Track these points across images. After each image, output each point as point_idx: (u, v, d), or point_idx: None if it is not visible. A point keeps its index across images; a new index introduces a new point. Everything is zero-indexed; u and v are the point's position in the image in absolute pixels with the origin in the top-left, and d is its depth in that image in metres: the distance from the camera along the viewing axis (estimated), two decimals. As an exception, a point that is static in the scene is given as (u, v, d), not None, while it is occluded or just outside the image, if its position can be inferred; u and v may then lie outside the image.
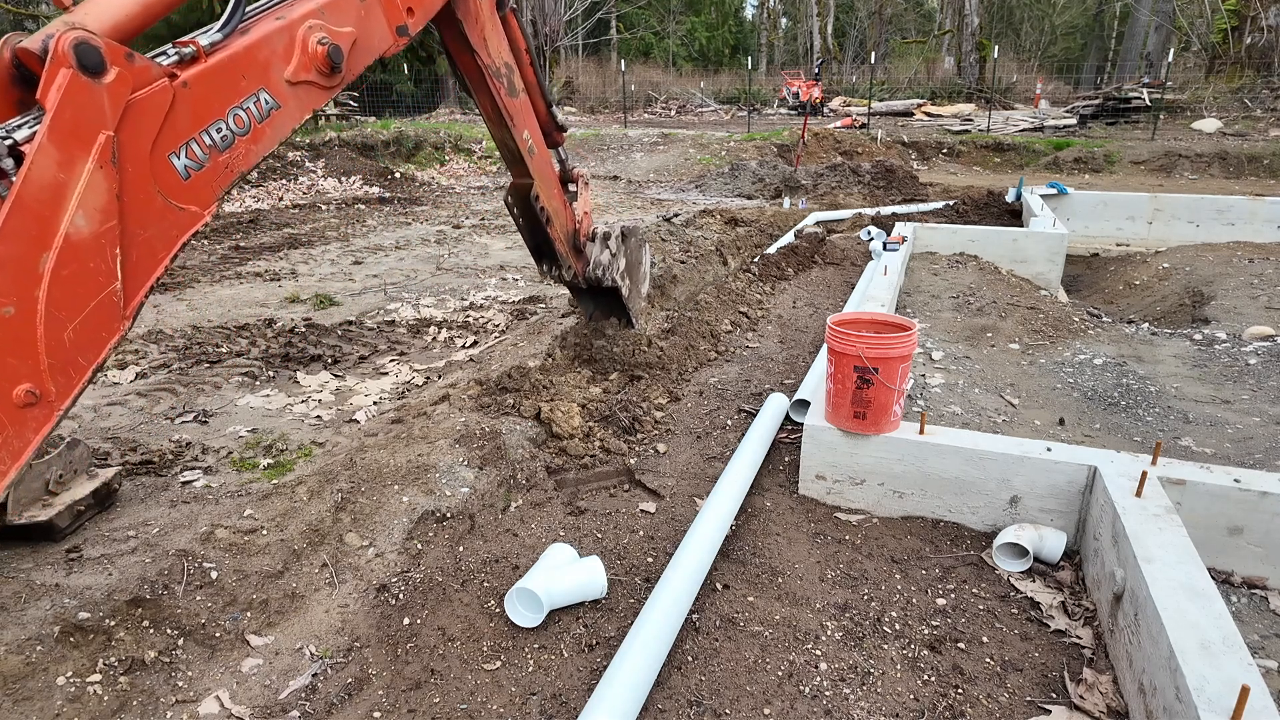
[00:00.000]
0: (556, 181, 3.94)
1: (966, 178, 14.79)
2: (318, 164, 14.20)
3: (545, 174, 3.78)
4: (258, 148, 2.27)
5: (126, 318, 1.96)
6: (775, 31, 46.74)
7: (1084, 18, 38.32)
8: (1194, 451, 3.52)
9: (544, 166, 3.78)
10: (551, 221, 3.84)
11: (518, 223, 3.89)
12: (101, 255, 1.85)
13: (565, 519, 3.04)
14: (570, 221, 4.06)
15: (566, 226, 4.01)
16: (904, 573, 2.71)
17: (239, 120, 2.16)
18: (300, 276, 7.16)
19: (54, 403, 1.82)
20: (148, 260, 1.99)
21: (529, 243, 3.99)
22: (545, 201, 3.76)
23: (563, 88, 29.26)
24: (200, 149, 2.06)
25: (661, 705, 2.11)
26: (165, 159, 1.98)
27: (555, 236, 3.89)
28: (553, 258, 4.03)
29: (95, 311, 1.86)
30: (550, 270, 4.12)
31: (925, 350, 4.71)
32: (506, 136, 3.55)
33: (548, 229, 3.82)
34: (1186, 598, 1.96)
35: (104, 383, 4.47)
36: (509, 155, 3.66)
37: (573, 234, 4.09)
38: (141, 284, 1.99)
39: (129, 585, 2.52)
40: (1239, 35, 21.08)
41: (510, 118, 3.47)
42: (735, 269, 7.38)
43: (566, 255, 4.05)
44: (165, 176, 1.99)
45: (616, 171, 15.81)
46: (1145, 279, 7.59)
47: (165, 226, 2.01)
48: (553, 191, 3.87)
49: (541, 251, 4.03)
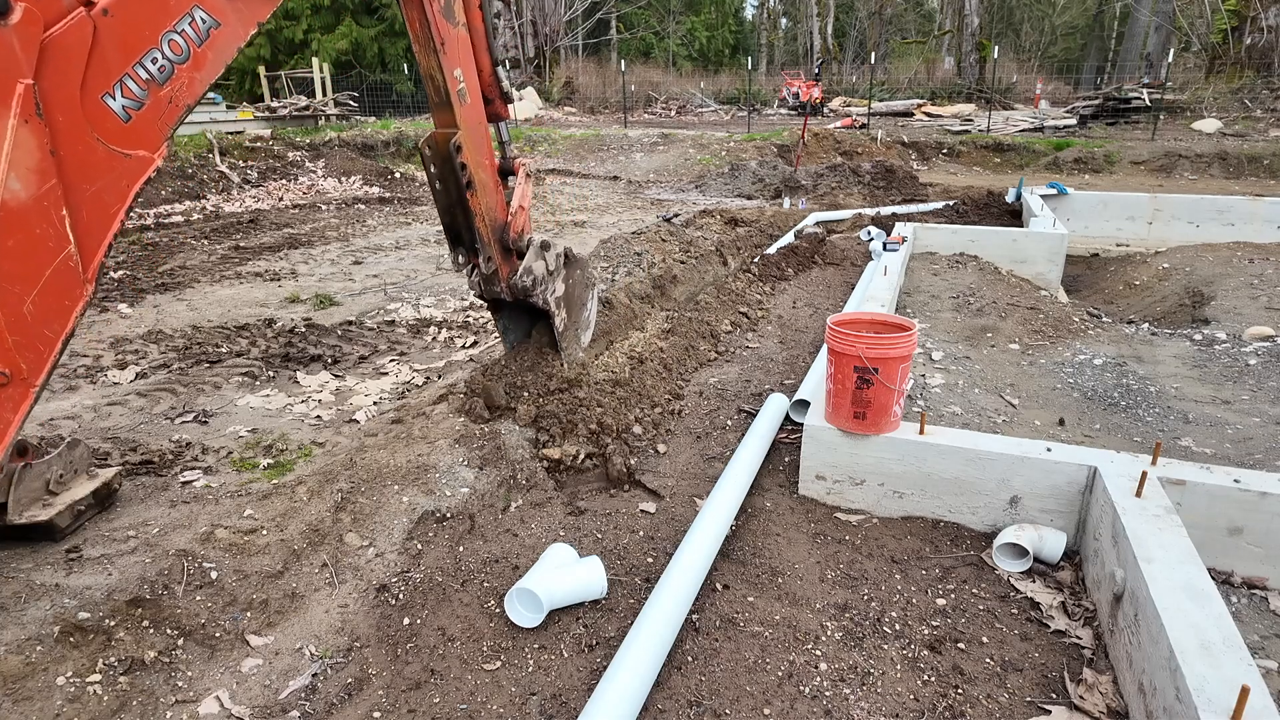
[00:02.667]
0: (489, 145, 3.35)
1: (966, 178, 14.79)
2: (318, 164, 14.21)
3: (475, 129, 3.21)
4: (202, 74, 2.03)
5: (88, 281, 1.82)
6: (775, 31, 46.75)
7: (1084, 18, 38.31)
8: (1194, 452, 3.52)
9: (475, 119, 3.22)
10: (474, 189, 3.20)
11: (433, 185, 3.21)
12: (46, 219, 1.69)
13: (565, 519, 3.04)
14: (501, 209, 3.46)
15: (494, 210, 3.40)
16: (904, 573, 2.71)
17: (175, 46, 1.91)
18: (300, 276, 7.16)
19: (28, 380, 1.72)
20: (100, 217, 1.82)
21: (443, 215, 3.30)
22: (470, 160, 3.16)
23: (563, 88, 29.25)
24: (137, 85, 1.84)
25: (661, 705, 2.11)
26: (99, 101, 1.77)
27: (478, 210, 3.25)
28: (472, 244, 3.34)
29: (53, 279, 1.72)
30: (466, 263, 3.38)
31: (925, 350, 4.71)
32: (434, 66, 2.98)
33: (468, 197, 3.19)
34: (1186, 598, 1.96)
35: (104, 383, 4.47)
36: (435, 93, 3.07)
37: (502, 225, 3.47)
38: (98, 243, 1.83)
39: (129, 585, 2.52)
40: (1239, 35, 21.08)
41: (442, 42, 2.95)
42: (735, 269, 7.38)
43: (490, 243, 3.36)
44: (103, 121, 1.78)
45: (616, 172, 15.81)
46: (1145, 279, 7.59)
47: (113, 177, 1.82)
48: (482, 157, 3.27)
49: (458, 232, 3.33)
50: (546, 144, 17.98)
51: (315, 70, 20.69)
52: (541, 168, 16.02)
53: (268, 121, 17.26)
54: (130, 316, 5.79)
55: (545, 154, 17.42)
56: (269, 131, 15.58)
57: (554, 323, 3.73)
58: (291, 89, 21.91)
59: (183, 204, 11.20)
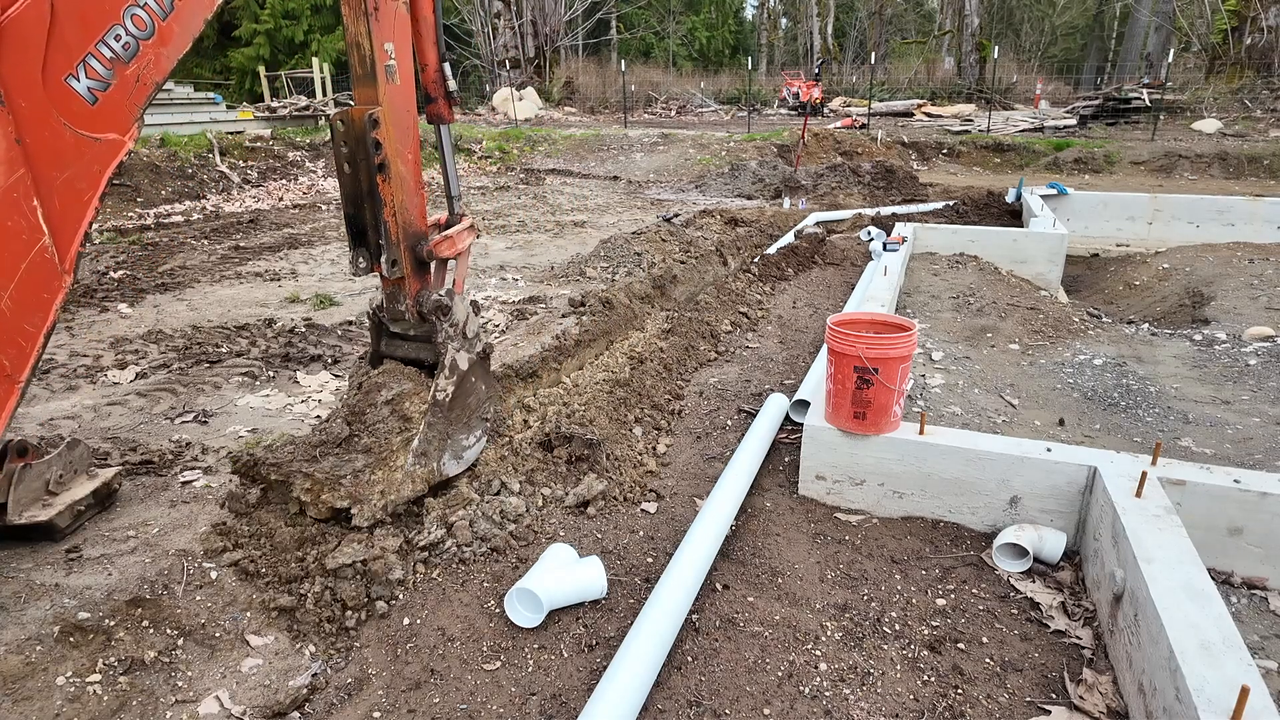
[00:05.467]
0: (414, 138, 2.89)
1: (966, 178, 14.79)
2: (318, 164, 14.20)
3: (401, 115, 2.80)
4: (169, 50, 1.94)
5: (66, 272, 1.78)
6: (775, 31, 46.74)
7: (1084, 18, 38.32)
8: (1194, 452, 3.52)
9: (403, 104, 2.81)
10: (387, 174, 2.74)
11: (340, 169, 2.76)
12: (17, 211, 1.63)
13: (565, 519, 3.04)
14: (420, 216, 2.95)
15: (409, 210, 2.88)
16: (904, 573, 2.71)
17: (138, 21, 1.83)
18: (300, 276, 7.16)
19: (11, 375, 1.69)
20: (74, 205, 1.76)
21: (347, 205, 2.81)
22: (387, 141, 2.71)
23: (563, 88, 29.25)
24: (101, 64, 1.76)
25: (661, 705, 2.11)
26: (63, 84, 1.70)
27: (388, 201, 2.76)
28: (377, 245, 2.82)
29: (30, 273, 1.68)
30: (367, 267, 2.85)
31: (925, 350, 4.71)
32: (361, 33, 2.63)
33: (379, 182, 2.73)
34: (1186, 598, 1.96)
35: (104, 383, 4.47)
36: (359, 63, 2.70)
37: (418, 233, 2.94)
38: (74, 232, 1.78)
39: (129, 585, 2.52)
40: (1239, 36, 21.08)
41: (375, 7, 2.63)
42: (735, 269, 7.39)
43: (399, 245, 2.83)
44: (68, 105, 1.71)
45: (616, 172, 15.81)
46: (1145, 279, 7.59)
47: (84, 163, 1.76)
48: (404, 148, 2.82)
49: (363, 228, 2.82)
50: (546, 144, 17.98)
51: (315, 70, 20.69)
52: (541, 168, 16.03)
53: (268, 121, 17.26)
54: (130, 316, 5.79)
55: (545, 154, 17.42)
56: (269, 131, 15.58)
57: (436, 379, 2.93)
58: (291, 89, 21.93)
59: (183, 204, 11.20)
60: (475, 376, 3.10)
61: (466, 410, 3.05)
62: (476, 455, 3.15)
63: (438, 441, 2.90)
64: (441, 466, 2.92)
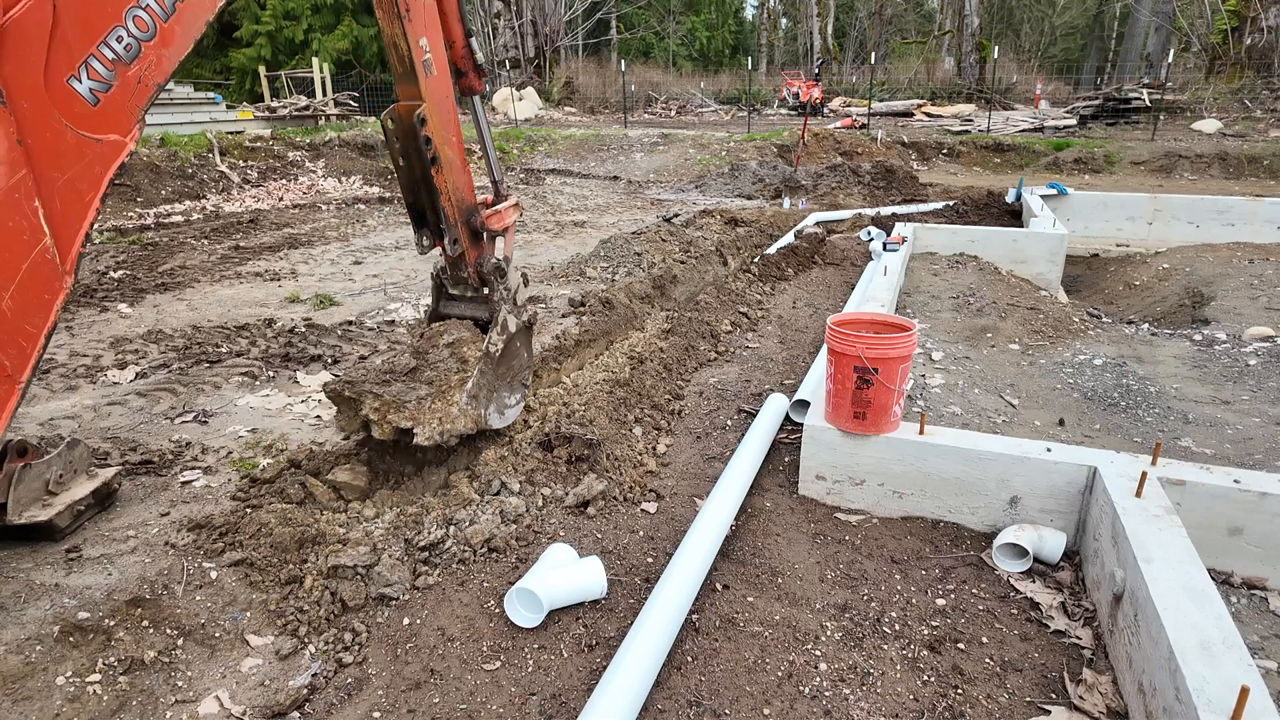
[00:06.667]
0: (456, 121, 3.15)
1: (966, 178, 14.79)
2: (318, 164, 14.20)
3: (442, 103, 3.06)
4: (170, 52, 1.95)
5: (67, 273, 1.79)
6: (775, 32, 46.74)
7: (1084, 18, 38.32)
8: (1194, 452, 3.52)
9: (442, 93, 3.06)
10: (440, 165, 3.03)
11: (395, 162, 3.05)
12: (19, 212, 1.64)
13: (565, 519, 3.04)
14: (469, 191, 3.27)
15: (461, 190, 3.19)
16: (904, 573, 2.71)
17: (140, 23, 1.83)
18: (300, 276, 7.16)
19: (12, 376, 1.69)
20: (75, 206, 1.76)
21: (407, 194, 3.15)
22: (435, 134, 2.98)
23: (563, 88, 29.26)
24: (103, 66, 1.76)
25: (661, 705, 2.11)
26: (65, 85, 1.70)
27: (443, 189, 3.07)
28: (438, 225, 3.17)
29: (31, 274, 1.68)
30: (431, 245, 3.24)
31: (925, 350, 4.71)
32: (398, 34, 2.82)
33: (433, 173, 3.03)
34: (1186, 598, 1.96)
35: (104, 383, 4.47)
36: (399, 63, 2.92)
37: (470, 208, 3.26)
38: (75, 233, 1.78)
39: (129, 585, 2.52)
40: (1239, 36, 21.09)
41: (406, 8, 2.80)
42: (735, 269, 7.39)
43: (456, 223, 3.16)
44: (70, 106, 1.72)
45: (617, 172, 15.81)
46: (1145, 279, 7.59)
47: (86, 164, 1.76)
48: (449, 133, 3.08)
49: (422, 211, 3.17)
50: (546, 144, 17.97)
51: (315, 70, 20.69)
52: (541, 168, 16.02)
53: (268, 121, 17.25)
54: (130, 316, 5.79)
55: (545, 154, 17.42)
56: (269, 131, 15.57)
57: (490, 334, 3.26)
58: (292, 89, 21.91)
59: (183, 204, 11.20)
60: (520, 342, 3.44)
61: (510, 371, 3.39)
62: (515, 416, 3.45)
63: (486, 391, 3.20)
64: (487, 416, 3.20)
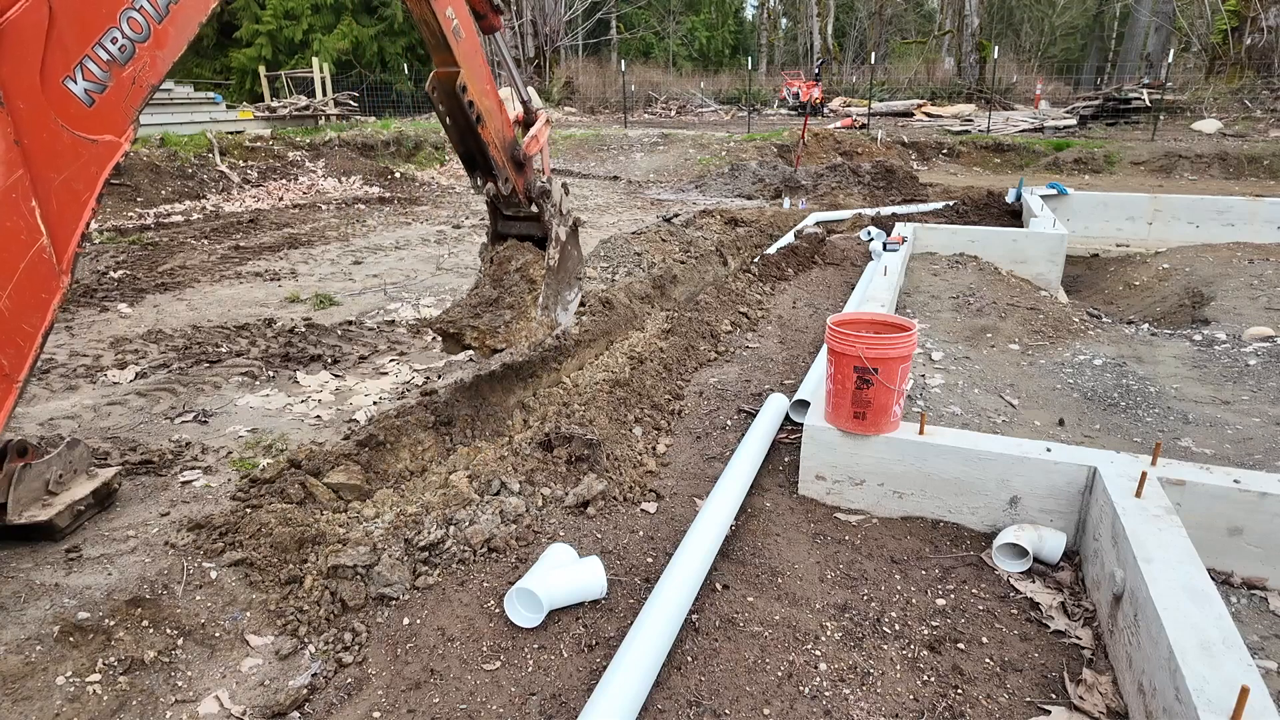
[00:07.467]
0: (488, 72, 3.46)
1: (966, 178, 14.79)
2: (318, 164, 14.20)
3: (473, 61, 3.34)
4: (164, 53, 1.97)
5: (64, 272, 1.80)
6: (775, 32, 46.73)
7: (1084, 18, 38.32)
8: (1194, 452, 3.52)
9: (472, 51, 3.33)
10: (484, 121, 3.38)
11: (443, 121, 3.39)
12: (16, 212, 1.65)
13: (565, 519, 3.04)
14: (507, 127, 3.62)
15: (502, 131, 3.57)
16: (904, 573, 2.71)
17: (135, 24, 1.86)
18: (300, 276, 7.16)
19: (10, 375, 1.71)
20: (71, 206, 1.78)
21: (459, 149, 3.53)
22: (475, 96, 3.31)
23: (563, 88, 29.25)
24: (98, 67, 1.78)
25: (661, 705, 2.11)
26: (60, 86, 1.72)
27: (489, 139, 3.44)
28: (487, 167, 3.53)
29: (28, 273, 1.70)
30: (483, 184, 3.63)
31: (925, 350, 4.71)
32: (427, 13, 3.06)
33: (480, 130, 3.38)
34: (1186, 598, 1.96)
35: (104, 382, 4.47)
36: (431, 36, 3.19)
37: (511, 142, 3.63)
38: (71, 232, 1.80)
39: (129, 585, 2.52)
40: (1239, 36, 21.08)
41: None
42: (735, 269, 7.39)
43: (504, 165, 3.56)
44: (66, 106, 1.74)
45: (617, 172, 15.81)
46: (1145, 279, 7.59)
47: (82, 164, 1.78)
48: (484, 84, 3.40)
49: (474, 160, 3.55)
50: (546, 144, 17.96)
51: (315, 70, 20.68)
52: (541, 168, 15.99)
53: (268, 121, 17.25)
54: (130, 316, 5.79)
55: (545, 154, 17.40)
56: (269, 131, 15.57)
57: (548, 250, 3.74)
58: (291, 89, 21.91)
59: (183, 204, 11.19)
60: (570, 245, 3.91)
61: (567, 272, 3.88)
62: (576, 308, 4.04)
63: (552, 298, 3.73)
64: (556, 317, 3.76)
